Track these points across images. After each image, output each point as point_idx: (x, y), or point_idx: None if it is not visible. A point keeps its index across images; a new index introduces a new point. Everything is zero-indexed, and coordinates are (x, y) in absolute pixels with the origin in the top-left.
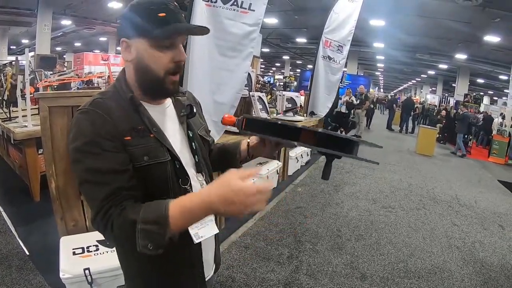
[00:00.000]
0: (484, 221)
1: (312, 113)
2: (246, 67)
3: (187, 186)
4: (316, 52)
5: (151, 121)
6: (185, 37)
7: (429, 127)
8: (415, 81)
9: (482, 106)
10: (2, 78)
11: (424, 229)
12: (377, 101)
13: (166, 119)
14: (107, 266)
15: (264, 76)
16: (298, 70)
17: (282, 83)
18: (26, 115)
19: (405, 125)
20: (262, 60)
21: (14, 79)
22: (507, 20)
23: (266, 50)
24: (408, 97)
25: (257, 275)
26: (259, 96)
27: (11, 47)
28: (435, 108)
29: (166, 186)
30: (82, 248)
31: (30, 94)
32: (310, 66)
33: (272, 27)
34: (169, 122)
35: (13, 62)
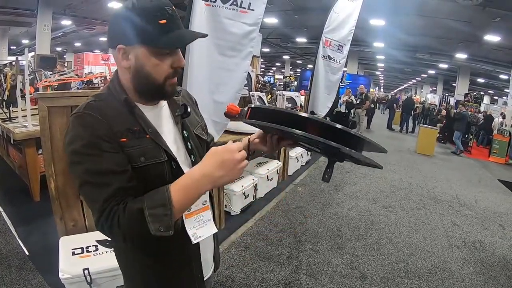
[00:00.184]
0: (485, 221)
1: (312, 113)
2: (246, 67)
3: None
4: (316, 52)
5: (146, 122)
6: None
7: (430, 127)
8: (416, 81)
9: (483, 106)
10: (2, 79)
11: (425, 229)
12: (378, 101)
13: (161, 120)
14: (106, 266)
15: (264, 76)
16: (298, 70)
17: (282, 83)
18: (26, 115)
19: (406, 125)
20: (263, 60)
21: (13, 79)
22: (507, 20)
23: (266, 50)
24: (409, 97)
25: (257, 275)
26: (259, 96)
27: (11, 48)
28: (436, 108)
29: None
30: (82, 248)
31: (30, 94)
32: (311, 66)
33: (272, 27)
34: (165, 123)
35: (13, 63)
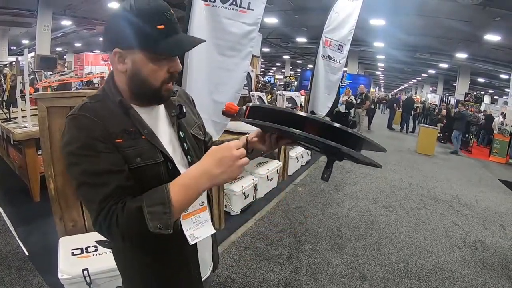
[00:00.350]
0: (485, 221)
1: (312, 113)
2: (245, 67)
3: None
4: (316, 52)
5: (142, 123)
6: None
7: (430, 127)
8: (416, 81)
9: (483, 106)
10: (2, 79)
11: (425, 229)
12: (378, 101)
13: (157, 121)
14: (106, 267)
15: (265, 76)
16: (299, 70)
17: (283, 83)
18: (26, 116)
19: (406, 125)
20: (263, 60)
21: (13, 80)
22: (508, 19)
23: (267, 50)
24: (409, 97)
25: (257, 276)
26: (259, 96)
27: (12, 48)
28: (436, 108)
29: None
30: (81, 249)
31: (30, 95)
32: (311, 66)
33: (272, 27)
34: (160, 124)
35: (13, 63)
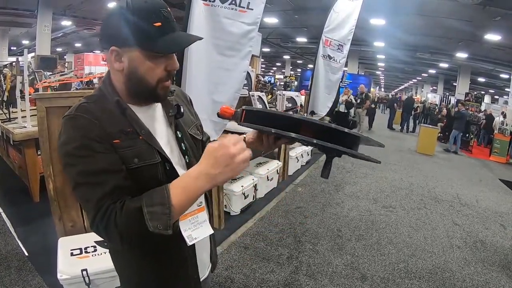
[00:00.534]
0: (486, 221)
1: (313, 113)
2: (245, 67)
3: None
4: (316, 52)
5: (139, 124)
6: None
7: (430, 126)
8: (416, 80)
9: (483, 105)
10: (2, 79)
11: (425, 229)
12: (378, 100)
13: (154, 121)
14: (105, 267)
15: (265, 76)
16: (299, 70)
17: (283, 83)
18: (26, 116)
19: (406, 125)
20: (263, 60)
21: (12, 80)
22: (508, 19)
23: (267, 50)
24: (409, 96)
25: (257, 276)
26: (259, 96)
27: (12, 48)
28: (436, 107)
29: None
30: (80, 249)
31: (29, 95)
32: (311, 66)
33: (272, 27)
34: (158, 124)
35: (13, 63)
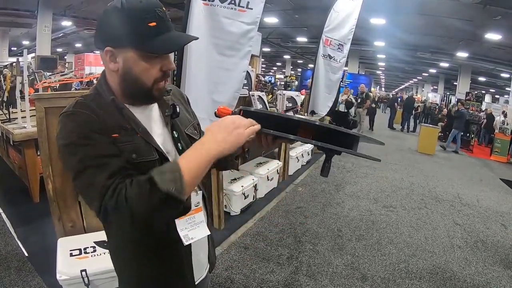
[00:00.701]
0: (487, 220)
1: (313, 112)
2: (244, 66)
3: None
4: (317, 51)
5: (136, 122)
6: None
7: (431, 126)
8: (417, 80)
9: (484, 105)
10: (2, 80)
11: (426, 229)
12: (379, 100)
13: (151, 121)
14: (104, 268)
15: (265, 76)
16: (299, 70)
17: (283, 83)
18: (25, 116)
19: (407, 124)
20: (263, 60)
21: (13, 80)
22: (508, 18)
23: (267, 50)
24: (410, 96)
25: (257, 276)
26: (259, 96)
27: (12, 49)
28: (437, 107)
29: None
30: (79, 250)
31: (29, 95)
32: (311, 66)
33: (273, 27)
34: (154, 124)
35: (14, 64)
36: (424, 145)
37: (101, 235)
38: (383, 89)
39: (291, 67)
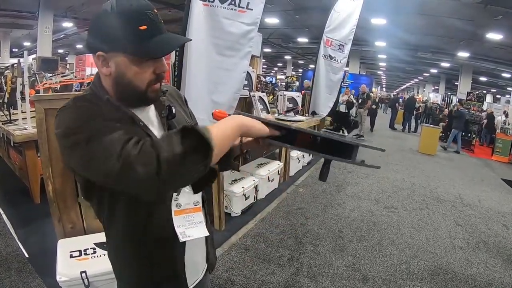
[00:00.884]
0: (488, 221)
1: (314, 113)
2: (245, 67)
3: None
4: (317, 52)
5: (135, 117)
6: None
7: (432, 126)
8: (418, 80)
9: (485, 105)
10: (3, 81)
11: (427, 230)
12: (380, 100)
13: (148, 122)
14: (104, 269)
15: (266, 76)
16: (300, 70)
17: (284, 83)
18: (26, 118)
19: (408, 124)
20: (264, 60)
21: (13, 82)
22: (509, 18)
23: (268, 50)
24: (411, 96)
25: (257, 278)
26: (260, 96)
27: (13, 50)
28: (438, 107)
29: None
30: (80, 251)
31: (30, 97)
32: (312, 66)
33: (273, 27)
34: (151, 125)
35: (15, 65)
36: (425, 146)
37: (101, 237)
38: (384, 89)
39: (292, 68)
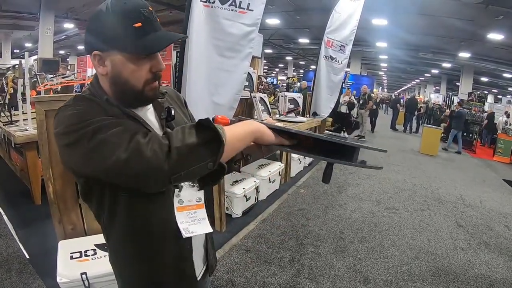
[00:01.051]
0: (490, 222)
1: (315, 114)
2: (245, 68)
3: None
4: (318, 52)
5: (136, 115)
6: None
7: (433, 127)
8: (419, 81)
9: (487, 105)
10: (4, 82)
11: (429, 231)
12: (381, 101)
13: (147, 123)
14: (104, 271)
15: (267, 77)
16: (302, 71)
17: (285, 84)
18: (27, 119)
19: (409, 125)
20: (265, 61)
21: (15, 83)
22: (510, 18)
23: (269, 51)
24: (412, 97)
25: (258, 279)
26: (261, 97)
27: (15, 51)
28: (439, 107)
29: None
30: (80, 252)
31: (30, 98)
32: (313, 67)
33: (274, 28)
34: (151, 127)
35: (16, 66)
36: (427, 146)
37: (102, 238)
38: (385, 90)
39: (293, 69)
